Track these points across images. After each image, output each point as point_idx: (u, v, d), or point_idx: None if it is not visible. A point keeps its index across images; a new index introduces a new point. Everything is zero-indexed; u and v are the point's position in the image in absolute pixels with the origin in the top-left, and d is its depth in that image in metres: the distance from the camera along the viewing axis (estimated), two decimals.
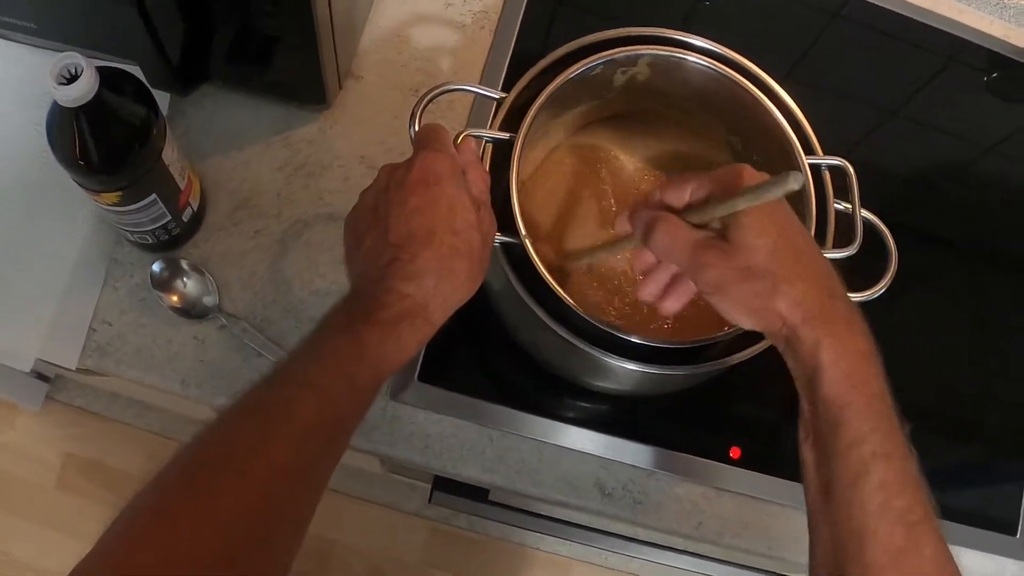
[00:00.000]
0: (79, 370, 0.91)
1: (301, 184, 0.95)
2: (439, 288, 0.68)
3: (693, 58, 0.84)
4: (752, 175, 0.67)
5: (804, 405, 0.66)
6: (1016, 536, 1.01)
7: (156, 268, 0.89)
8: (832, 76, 1.14)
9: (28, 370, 0.90)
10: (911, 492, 0.60)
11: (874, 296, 0.80)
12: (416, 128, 0.76)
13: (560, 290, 0.75)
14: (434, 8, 1.03)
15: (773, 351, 0.77)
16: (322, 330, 0.66)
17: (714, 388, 0.93)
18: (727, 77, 0.84)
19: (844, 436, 0.62)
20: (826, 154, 0.85)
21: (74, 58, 0.70)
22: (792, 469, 0.93)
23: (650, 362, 0.79)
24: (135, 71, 0.83)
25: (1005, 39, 1.19)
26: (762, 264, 0.64)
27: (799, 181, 0.59)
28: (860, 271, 0.80)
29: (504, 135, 0.79)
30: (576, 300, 0.76)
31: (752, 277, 0.64)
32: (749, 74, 0.85)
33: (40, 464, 1.83)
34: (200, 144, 0.96)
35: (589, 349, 0.78)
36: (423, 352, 0.91)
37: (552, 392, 0.94)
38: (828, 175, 0.84)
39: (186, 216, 0.89)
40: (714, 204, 0.66)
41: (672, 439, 0.94)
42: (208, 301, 0.90)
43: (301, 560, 1.76)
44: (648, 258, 0.73)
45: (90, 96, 0.71)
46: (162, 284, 0.89)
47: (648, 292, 0.74)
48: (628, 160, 0.91)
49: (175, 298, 0.89)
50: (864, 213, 0.83)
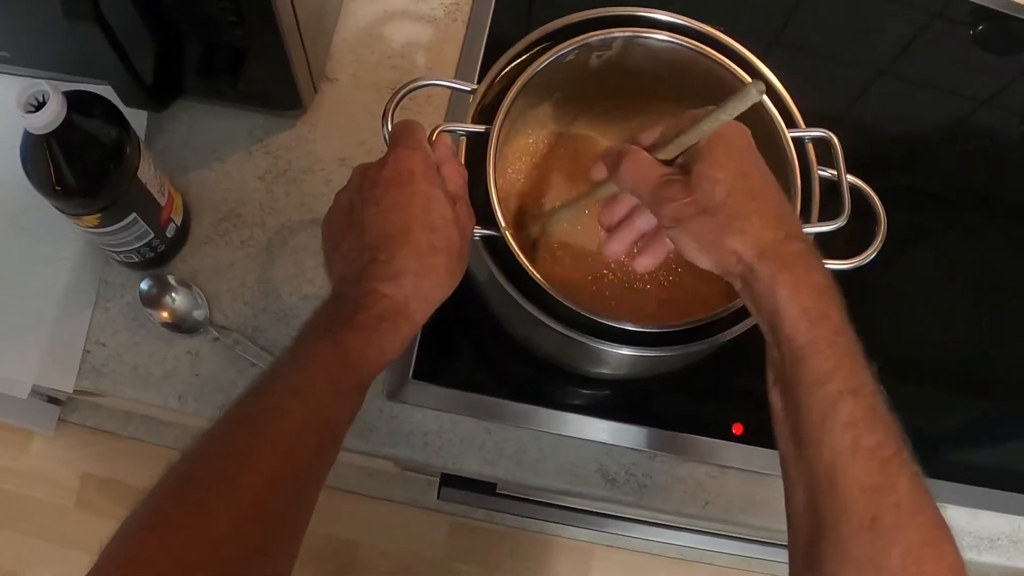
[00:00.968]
0: (77, 392, 0.92)
1: (283, 191, 0.95)
2: (419, 286, 0.68)
3: (668, 37, 0.83)
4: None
5: (769, 347, 0.66)
6: None
7: (144, 286, 0.89)
8: (815, 42, 1.13)
9: (25, 396, 0.90)
10: (881, 428, 0.59)
11: (866, 261, 0.79)
12: (390, 126, 0.76)
13: (543, 280, 0.75)
14: (404, 4, 1.03)
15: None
16: (304, 336, 0.66)
17: (711, 365, 0.92)
18: (704, 55, 0.83)
19: (808, 375, 0.61)
20: (811, 123, 0.84)
21: (39, 85, 0.70)
22: None
23: (642, 345, 0.79)
24: (108, 92, 0.83)
25: None
26: (719, 199, 0.64)
27: (760, 88, 0.62)
28: (853, 237, 0.79)
29: (479, 128, 0.78)
30: (559, 286, 0.75)
31: (709, 212, 0.65)
32: (727, 50, 0.84)
33: (58, 486, 1.84)
34: (182, 158, 0.96)
35: (578, 337, 0.77)
36: (416, 350, 0.91)
37: (547, 381, 0.93)
38: (812, 147, 0.83)
39: (170, 232, 0.89)
40: (680, 134, 0.67)
41: (673, 419, 0.93)
42: (198, 315, 0.90)
43: (324, 563, 1.77)
44: (613, 215, 0.75)
45: (59, 122, 0.71)
46: (151, 301, 0.89)
47: (612, 250, 0.75)
48: (609, 143, 0.91)
49: (165, 314, 0.89)
50: (850, 179, 0.82)
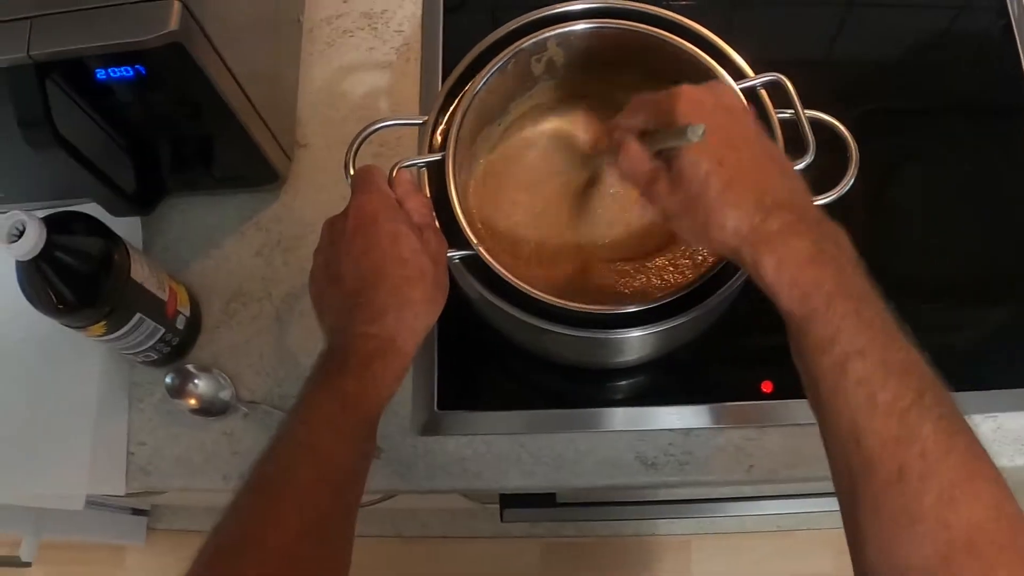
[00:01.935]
0: (131, 495, 0.95)
1: (281, 261, 0.99)
2: (401, 319, 0.70)
3: (596, 24, 0.84)
4: (688, 98, 0.69)
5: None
6: None
7: (168, 379, 0.93)
8: None
9: (81, 507, 0.94)
10: (896, 380, 0.59)
11: (844, 190, 0.78)
12: (351, 175, 0.79)
13: (528, 288, 0.76)
14: (358, 57, 1.06)
15: None
16: (304, 392, 0.69)
17: (727, 330, 0.93)
18: (636, 31, 0.84)
19: (812, 344, 0.61)
20: (767, 71, 0.84)
21: (16, 216, 0.74)
22: None
23: (648, 323, 0.79)
24: (94, 208, 0.87)
25: None
26: (697, 193, 0.66)
27: (697, 134, 0.63)
28: (838, 172, 0.79)
29: (435, 156, 0.81)
30: (550, 289, 0.77)
31: (691, 208, 0.67)
32: (658, 20, 0.85)
33: None
34: (180, 253, 1.00)
35: (578, 332, 0.78)
36: (436, 382, 0.93)
37: (568, 383, 0.95)
38: (766, 93, 0.83)
39: (180, 324, 0.92)
40: (656, 135, 0.70)
41: (700, 392, 0.93)
42: (225, 395, 0.93)
43: None
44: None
45: (41, 245, 0.75)
46: (178, 392, 0.93)
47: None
48: (576, 140, 0.92)
49: (193, 401, 0.93)
50: (810, 113, 0.82)
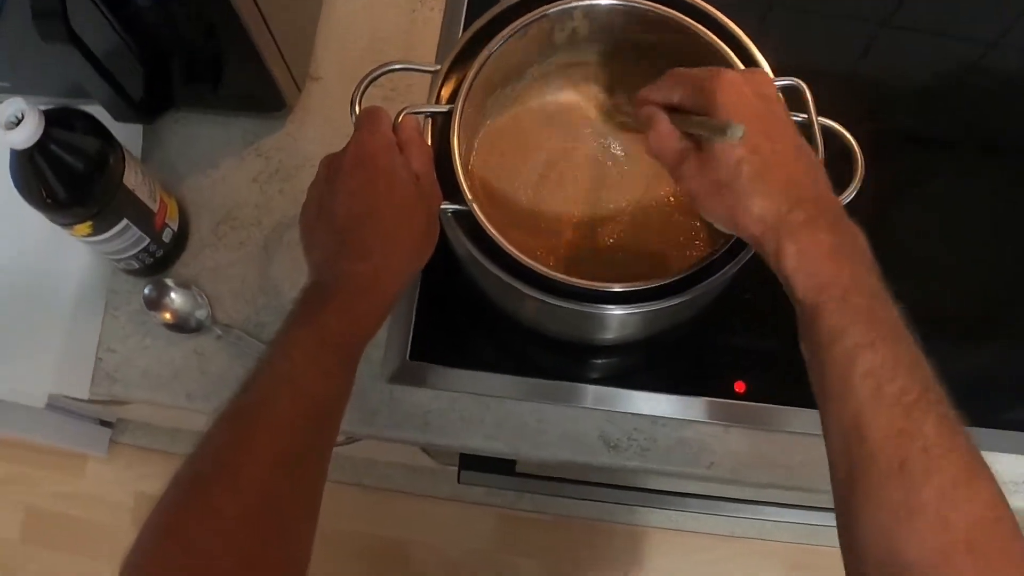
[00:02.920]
0: (92, 400, 0.95)
1: (277, 190, 0.98)
2: (388, 262, 0.70)
3: (625, 2, 0.84)
4: (729, 82, 0.69)
5: (795, 309, 0.67)
6: None
7: (147, 291, 0.93)
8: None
9: (42, 406, 0.94)
10: (904, 374, 0.59)
11: (845, 201, 0.78)
12: (357, 114, 0.78)
13: (515, 251, 0.76)
14: None
15: (755, 276, 0.78)
16: (286, 326, 0.69)
17: (710, 323, 0.93)
18: (666, 16, 0.83)
19: (824, 333, 0.62)
20: (788, 75, 0.83)
21: (16, 104, 0.74)
22: (800, 396, 0.91)
23: (628, 303, 0.79)
24: (100, 111, 0.87)
25: None
26: (727, 178, 0.67)
27: (736, 135, 0.64)
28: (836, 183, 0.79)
29: (442, 108, 0.80)
30: (539, 256, 0.76)
31: (720, 191, 0.68)
32: (690, 9, 0.85)
33: (115, 507, 1.89)
34: (177, 167, 0.99)
35: (560, 303, 0.78)
36: (412, 331, 0.93)
37: (542, 352, 0.95)
38: (781, 96, 0.83)
39: (166, 237, 0.92)
40: (688, 119, 0.71)
41: (673, 382, 0.93)
42: (200, 315, 0.93)
43: (376, 565, 1.79)
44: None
45: (38, 135, 0.75)
46: (154, 304, 0.92)
47: None
48: (584, 115, 0.91)
49: (168, 316, 0.92)
50: (822, 121, 0.81)
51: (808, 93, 0.81)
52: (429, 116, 0.81)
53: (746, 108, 0.68)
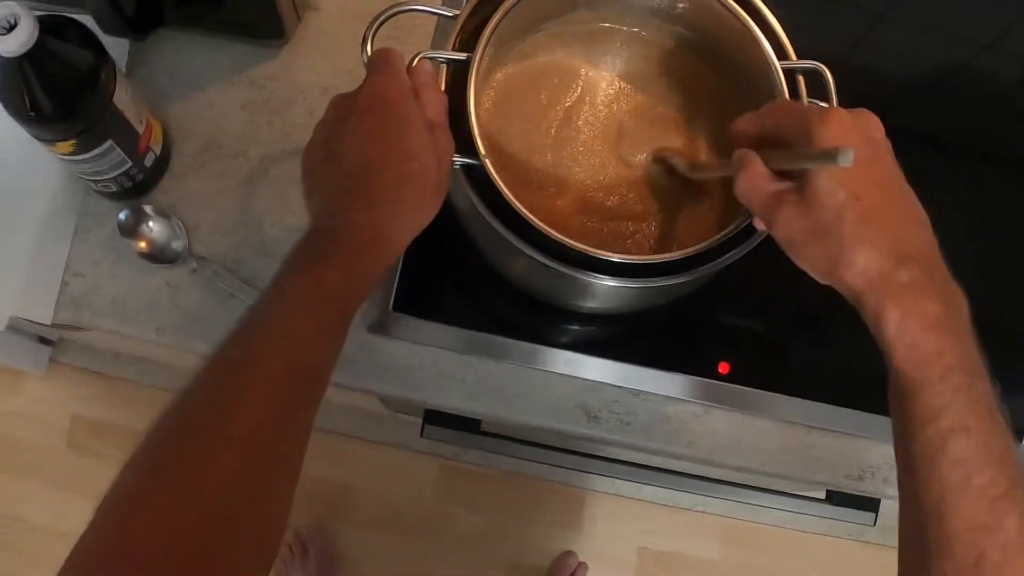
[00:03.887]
0: (58, 326, 0.91)
1: (266, 121, 0.94)
2: (395, 214, 0.67)
3: None
4: (838, 121, 0.63)
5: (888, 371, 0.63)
6: None
7: (122, 216, 0.88)
8: None
9: (2, 328, 0.89)
10: (994, 466, 0.58)
11: None
12: (368, 54, 0.75)
13: (524, 210, 0.73)
14: None
15: (751, 259, 0.77)
16: (283, 274, 0.65)
17: (699, 302, 0.91)
18: None
19: (919, 410, 0.59)
20: (805, 59, 0.82)
21: (11, 7, 0.69)
22: (782, 383, 0.93)
23: (627, 277, 0.77)
24: (88, 21, 0.82)
25: None
26: (829, 226, 0.62)
27: (848, 159, 0.57)
28: None
29: (461, 55, 0.77)
30: (541, 217, 0.74)
31: (819, 239, 0.63)
32: None
33: (49, 427, 1.84)
34: (163, 88, 0.95)
35: (561, 268, 0.76)
36: (397, 282, 0.90)
37: (530, 316, 0.92)
38: (803, 80, 0.81)
39: (148, 161, 0.87)
40: (790, 155, 0.65)
41: (658, 357, 0.92)
42: (177, 245, 0.89)
43: (316, 506, 1.79)
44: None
45: (30, 44, 0.70)
46: (129, 231, 0.88)
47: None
48: (599, 78, 0.89)
49: (143, 244, 0.88)
50: None
51: (831, 79, 0.80)
52: (444, 62, 0.77)
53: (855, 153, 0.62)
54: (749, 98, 0.79)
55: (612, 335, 0.94)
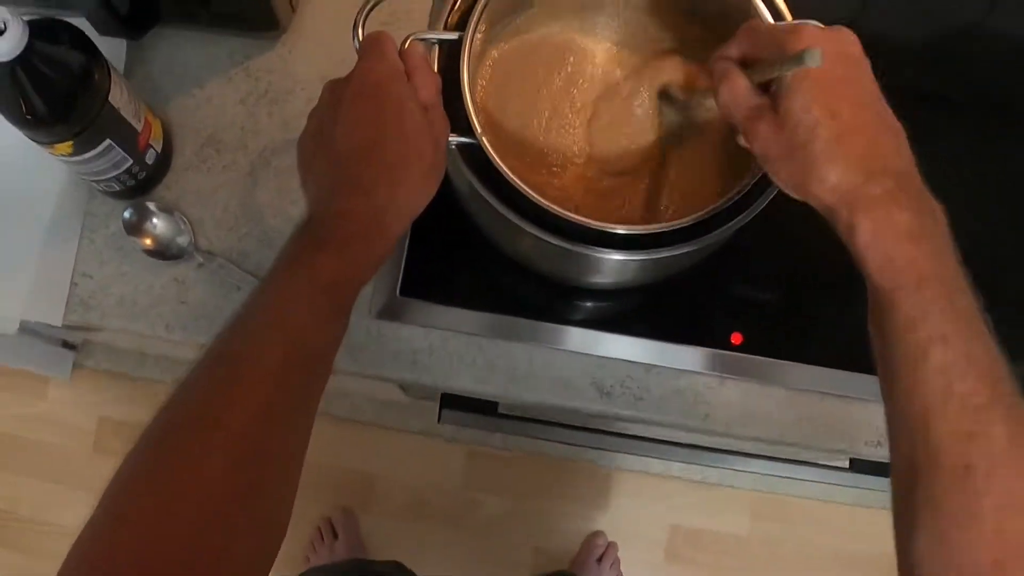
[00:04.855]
0: (66, 326, 0.91)
1: (265, 113, 0.94)
2: (392, 199, 0.67)
3: None
4: (809, 35, 0.63)
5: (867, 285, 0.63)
6: None
7: (127, 214, 0.89)
8: None
9: (14, 332, 0.90)
10: (975, 374, 0.57)
11: None
12: (360, 38, 0.74)
13: (524, 187, 0.73)
14: None
15: (759, 226, 0.76)
16: (279, 264, 0.65)
17: (709, 272, 0.90)
18: None
19: (897, 320, 0.59)
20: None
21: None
22: (797, 351, 0.92)
23: (633, 249, 0.77)
24: (82, 23, 0.82)
25: None
26: (801, 141, 0.62)
27: (815, 60, 0.58)
28: None
29: (452, 35, 0.76)
30: (543, 194, 0.73)
31: (793, 154, 0.63)
32: None
33: (75, 431, 1.86)
34: (162, 86, 0.95)
35: (564, 244, 0.75)
36: (403, 266, 0.90)
37: (538, 294, 0.92)
38: None
39: (150, 158, 0.87)
40: (768, 65, 0.65)
41: (669, 330, 0.91)
42: (182, 241, 0.89)
43: (342, 496, 1.79)
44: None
45: (21, 48, 0.70)
46: (134, 229, 0.89)
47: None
48: (595, 47, 0.88)
49: (149, 241, 0.89)
50: None
51: None
52: (436, 43, 0.77)
53: (827, 68, 0.62)
54: None
55: (622, 310, 0.93)
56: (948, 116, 1.06)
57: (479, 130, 0.73)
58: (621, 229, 0.75)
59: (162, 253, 0.89)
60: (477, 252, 0.92)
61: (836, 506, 1.91)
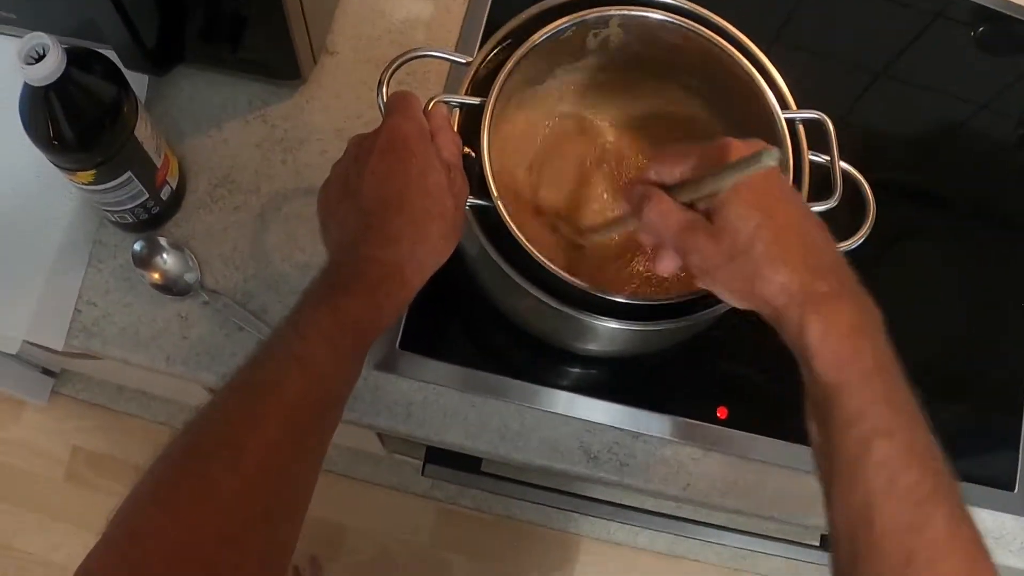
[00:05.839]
0: (67, 354, 0.92)
1: (279, 159, 0.96)
2: (414, 251, 0.69)
3: (663, 16, 0.83)
4: (738, 149, 0.65)
5: (805, 381, 0.64)
6: (1014, 491, 1.00)
7: (137, 247, 0.90)
8: (815, 40, 1.13)
9: (15, 351, 0.90)
10: (917, 467, 0.59)
11: (852, 247, 0.79)
12: (385, 96, 0.77)
13: (536, 252, 0.75)
14: None
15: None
16: (303, 304, 0.67)
17: (699, 347, 0.93)
18: (700, 35, 0.83)
19: (840, 415, 0.60)
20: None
21: (40, 38, 0.71)
22: (779, 428, 0.94)
23: (633, 319, 0.79)
24: (110, 55, 0.84)
25: None
26: (744, 247, 0.63)
27: (774, 158, 0.59)
28: (843, 226, 0.79)
29: (474, 100, 0.79)
30: (551, 259, 0.76)
31: (735, 261, 0.64)
32: (722, 32, 0.84)
33: (48, 458, 1.84)
34: (180, 124, 0.97)
35: (567, 310, 0.77)
36: (404, 321, 0.91)
37: (534, 356, 0.94)
38: (803, 129, 0.83)
39: (164, 194, 0.89)
40: (700, 182, 0.66)
41: (657, 400, 0.93)
42: (189, 278, 0.90)
43: (311, 545, 1.78)
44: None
45: (58, 74, 0.72)
46: (143, 262, 0.90)
47: (665, 267, 0.71)
48: (608, 124, 0.91)
49: (156, 275, 0.90)
50: (843, 165, 0.82)
51: (832, 129, 0.82)
52: (457, 106, 0.79)
53: (752, 176, 0.63)
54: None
55: (614, 378, 0.95)
56: (935, 211, 1.10)
57: (496, 193, 0.75)
58: (621, 298, 0.77)
59: (169, 288, 0.90)
60: (477, 311, 0.94)
61: None
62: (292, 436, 0.61)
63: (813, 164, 0.82)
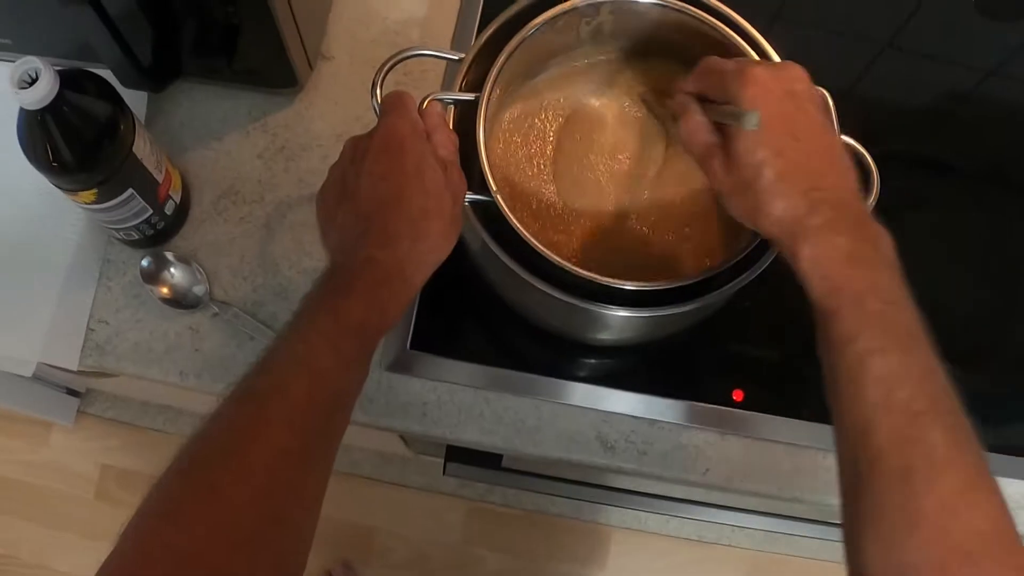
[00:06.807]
0: (81, 372, 0.93)
1: (281, 167, 0.96)
2: (414, 250, 0.69)
3: (654, 2, 0.83)
4: (757, 79, 0.68)
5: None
6: None
7: (144, 263, 0.90)
8: (817, 16, 1.12)
9: (30, 374, 0.91)
10: (914, 382, 0.59)
11: None
12: (379, 97, 0.77)
13: (537, 243, 0.75)
14: None
15: (758, 286, 0.78)
16: (304, 309, 0.67)
17: (712, 331, 0.93)
18: (690, 15, 0.83)
19: (837, 335, 0.62)
20: None
21: (32, 62, 0.72)
22: (796, 408, 0.93)
23: (641, 306, 0.78)
24: (108, 76, 0.84)
25: None
26: (750, 179, 0.67)
27: (752, 124, 0.65)
28: None
29: (469, 96, 0.79)
30: (554, 250, 0.75)
31: (742, 191, 0.68)
32: (713, 11, 0.84)
33: (77, 478, 1.86)
34: (181, 139, 0.97)
35: (574, 301, 0.77)
36: (413, 321, 0.92)
37: (545, 349, 0.94)
38: None
39: (169, 209, 0.90)
40: (718, 109, 0.71)
41: (672, 386, 0.93)
42: (198, 290, 0.91)
43: (342, 550, 1.79)
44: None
45: (51, 97, 0.72)
46: (151, 278, 0.91)
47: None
48: (606, 107, 0.91)
49: (165, 290, 0.90)
50: (844, 139, 0.81)
51: (832, 105, 0.81)
52: (452, 103, 0.79)
53: (772, 104, 0.67)
54: None
55: (627, 366, 0.95)
56: (945, 181, 1.09)
57: (494, 188, 0.75)
58: (629, 285, 0.77)
59: (178, 302, 0.91)
60: (485, 308, 0.94)
61: (838, 566, 1.90)
62: (299, 441, 0.61)
63: None
